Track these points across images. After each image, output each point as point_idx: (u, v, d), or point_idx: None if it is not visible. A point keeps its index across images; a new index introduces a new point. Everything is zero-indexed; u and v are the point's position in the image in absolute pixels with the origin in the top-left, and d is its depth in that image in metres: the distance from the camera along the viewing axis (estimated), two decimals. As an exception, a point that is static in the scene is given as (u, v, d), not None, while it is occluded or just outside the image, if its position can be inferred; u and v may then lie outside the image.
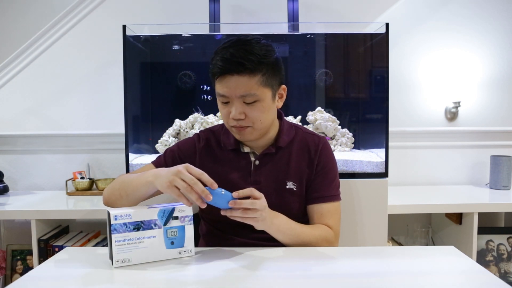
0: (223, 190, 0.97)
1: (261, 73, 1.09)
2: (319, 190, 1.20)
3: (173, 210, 1.00)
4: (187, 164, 0.99)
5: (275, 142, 1.21)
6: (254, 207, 0.98)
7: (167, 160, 1.24)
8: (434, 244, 2.07)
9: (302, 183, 1.20)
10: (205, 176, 0.97)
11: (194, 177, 0.95)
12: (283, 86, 1.18)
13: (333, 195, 1.21)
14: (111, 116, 2.14)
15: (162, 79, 2.00)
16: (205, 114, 1.81)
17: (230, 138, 1.22)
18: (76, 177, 2.07)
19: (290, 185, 1.19)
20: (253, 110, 1.10)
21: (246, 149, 1.22)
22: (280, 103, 1.19)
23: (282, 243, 1.13)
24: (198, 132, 1.30)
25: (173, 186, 0.96)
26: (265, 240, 1.16)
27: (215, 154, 1.23)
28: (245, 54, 1.06)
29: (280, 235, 1.10)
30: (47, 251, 1.78)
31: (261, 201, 1.00)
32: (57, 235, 1.89)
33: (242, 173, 1.20)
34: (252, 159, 1.21)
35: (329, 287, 0.85)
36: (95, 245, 1.89)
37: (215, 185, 0.97)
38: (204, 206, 0.96)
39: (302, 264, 0.98)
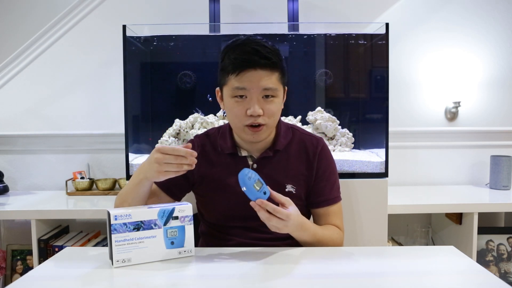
0: (266, 189, 1.00)
1: (279, 70, 1.11)
2: (323, 194, 1.21)
3: (173, 210, 1.00)
4: (157, 148, 1.01)
5: (272, 145, 1.21)
6: (276, 214, 0.98)
7: None
8: (434, 244, 2.07)
9: (301, 185, 1.20)
10: (181, 150, 0.99)
11: (171, 156, 0.99)
12: (285, 88, 1.19)
13: (336, 197, 1.23)
14: (111, 116, 2.14)
15: (162, 79, 2.00)
16: (205, 114, 1.81)
17: (227, 142, 1.21)
18: (76, 177, 2.07)
19: (289, 188, 1.19)
20: (270, 106, 1.11)
21: (244, 153, 1.21)
22: (282, 105, 1.20)
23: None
24: (192, 138, 1.29)
25: (164, 173, 1.00)
26: (265, 240, 1.16)
27: (212, 159, 1.22)
28: (267, 50, 1.08)
29: (302, 240, 1.11)
30: (47, 251, 1.78)
31: (287, 212, 1.00)
32: (57, 235, 1.89)
33: None
34: (250, 162, 1.20)
35: (329, 287, 0.85)
36: (95, 245, 1.89)
37: (194, 153, 1.00)
38: (193, 163, 1.00)
39: (302, 264, 0.98)
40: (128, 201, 1.10)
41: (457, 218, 1.87)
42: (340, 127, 1.80)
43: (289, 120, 1.80)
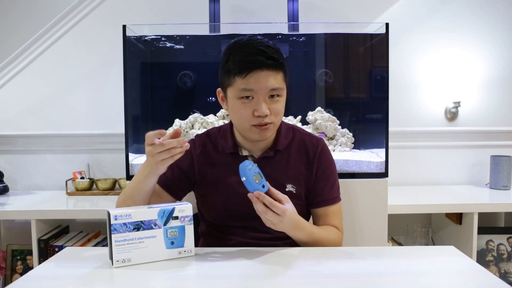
0: (265, 184, 1.01)
1: (283, 70, 1.12)
2: (322, 194, 1.21)
3: (173, 210, 1.00)
4: (145, 141, 1.02)
5: (273, 145, 1.21)
6: (272, 208, 0.99)
7: (166, 171, 1.23)
8: (434, 244, 2.07)
9: (301, 185, 1.20)
10: (170, 143, 1.00)
11: (161, 144, 0.99)
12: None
13: (336, 197, 1.23)
14: (111, 116, 2.14)
15: (162, 79, 2.00)
16: (205, 114, 1.81)
17: (228, 141, 1.21)
18: (76, 177, 2.07)
19: (289, 187, 1.19)
20: (276, 106, 1.12)
21: (245, 153, 1.21)
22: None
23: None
24: (193, 138, 1.29)
25: (161, 162, 1.01)
26: (265, 240, 1.16)
27: (213, 159, 1.22)
28: (272, 50, 1.08)
29: (298, 240, 1.11)
30: (47, 251, 1.78)
31: (283, 207, 1.00)
32: (57, 235, 1.89)
33: None
34: None
35: (329, 287, 0.85)
36: (95, 245, 1.89)
37: (164, 131, 1.00)
38: (187, 147, 1.02)
39: (302, 264, 0.98)
40: (133, 197, 1.10)
41: (457, 218, 1.87)
42: (340, 127, 1.80)
43: (289, 120, 1.80)
